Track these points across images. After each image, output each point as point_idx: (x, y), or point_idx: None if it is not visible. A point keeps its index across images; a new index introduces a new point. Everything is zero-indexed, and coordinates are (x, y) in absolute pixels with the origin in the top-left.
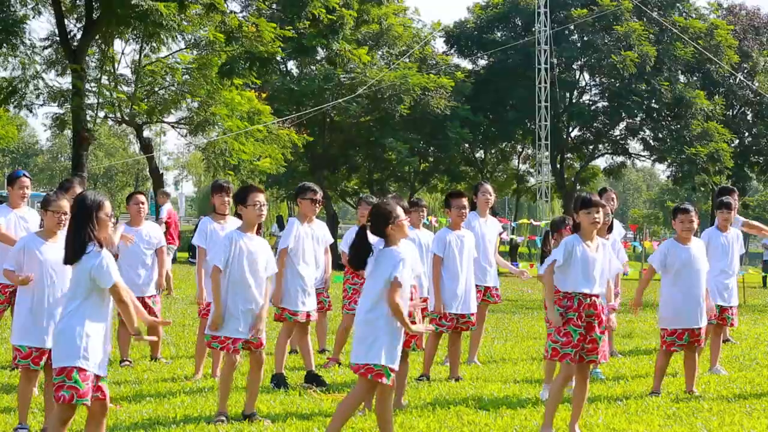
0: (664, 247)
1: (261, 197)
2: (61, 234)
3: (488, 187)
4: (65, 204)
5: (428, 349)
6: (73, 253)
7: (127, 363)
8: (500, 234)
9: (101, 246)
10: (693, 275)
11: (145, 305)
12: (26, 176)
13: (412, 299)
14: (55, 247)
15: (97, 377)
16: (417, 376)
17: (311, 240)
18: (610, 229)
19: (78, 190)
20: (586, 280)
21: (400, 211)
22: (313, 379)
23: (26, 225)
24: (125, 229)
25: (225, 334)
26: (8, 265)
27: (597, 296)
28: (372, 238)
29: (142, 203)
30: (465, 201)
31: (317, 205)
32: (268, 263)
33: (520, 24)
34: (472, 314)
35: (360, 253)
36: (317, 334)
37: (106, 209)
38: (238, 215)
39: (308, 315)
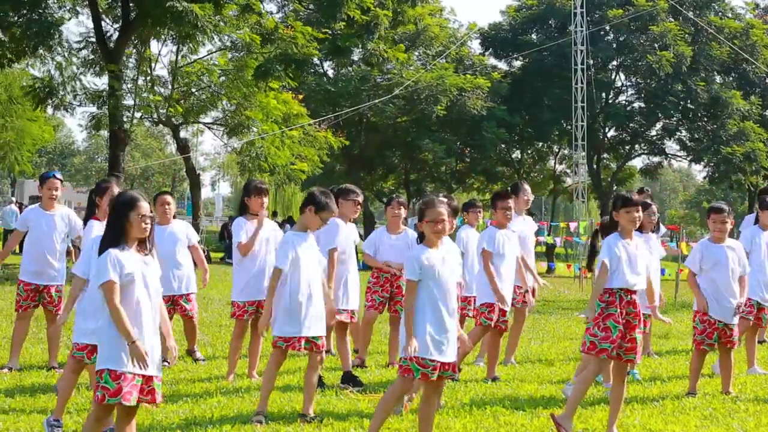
0: (698, 248)
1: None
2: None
3: (527, 187)
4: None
5: (488, 348)
6: (100, 252)
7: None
8: (535, 233)
9: (121, 244)
10: (724, 274)
11: (178, 304)
12: (56, 177)
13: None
14: None
15: (147, 378)
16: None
17: (352, 241)
18: (657, 227)
19: (116, 190)
20: (628, 277)
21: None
22: (350, 380)
23: (55, 226)
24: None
25: (292, 333)
26: (78, 270)
27: (635, 293)
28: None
29: (168, 204)
30: (511, 202)
31: (358, 207)
32: (320, 262)
33: (555, 25)
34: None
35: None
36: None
37: (139, 209)
38: (288, 218)
39: (351, 314)
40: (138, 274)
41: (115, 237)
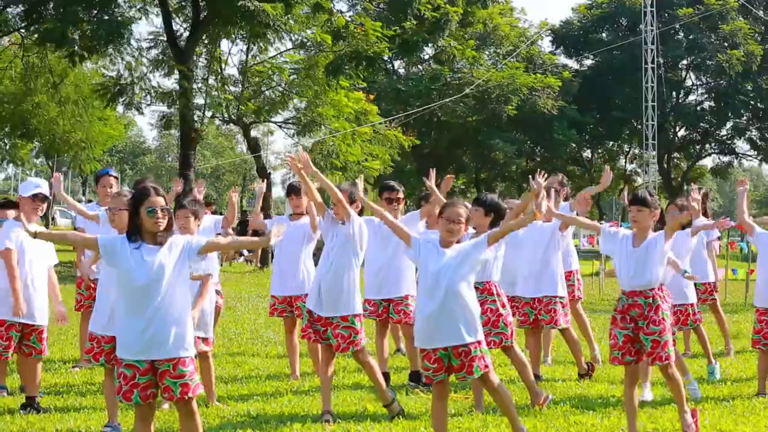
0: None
1: None
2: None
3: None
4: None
5: (530, 348)
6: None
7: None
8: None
9: (135, 237)
10: None
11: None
12: (111, 175)
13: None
14: None
15: (159, 377)
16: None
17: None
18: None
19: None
20: (622, 278)
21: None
22: (418, 379)
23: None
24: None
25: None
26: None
27: (640, 294)
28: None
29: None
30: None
31: (396, 203)
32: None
33: (625, 23)
34: (550, 310)
35: None
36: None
37: (149, 203)
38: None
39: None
40: (145, 267)
41: (130, 232)
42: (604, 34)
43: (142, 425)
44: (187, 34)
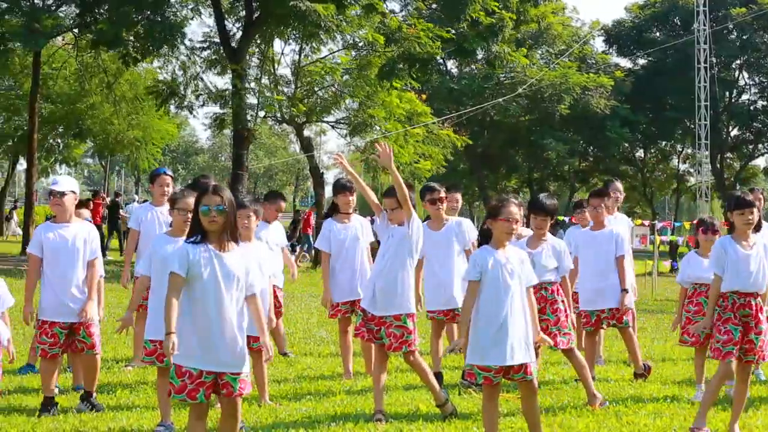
0: None
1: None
2: None
3: (618, 185)
4: (192, 202)
5: (586, 349)
6: None
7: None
8: (631, 228)
9: (195, 237)
10: None
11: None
12: (167, 174)
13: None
14: None
15: (219, 374)
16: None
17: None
18: (758, 228)
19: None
20: (740, 279)
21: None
22: None
23: (166, 222)
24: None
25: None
26: (143, 270)
27: (753, 296)
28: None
29: (282, 209)
30: (605, 201)
31: (440, 203)
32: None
33: (678, 23)
34: (612, 309)
35: None
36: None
37: (204, 201)
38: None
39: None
40: (207, 270)
41: (192, 230)
42: (657, 34)
43: (198, 423)
44: (239, 34)
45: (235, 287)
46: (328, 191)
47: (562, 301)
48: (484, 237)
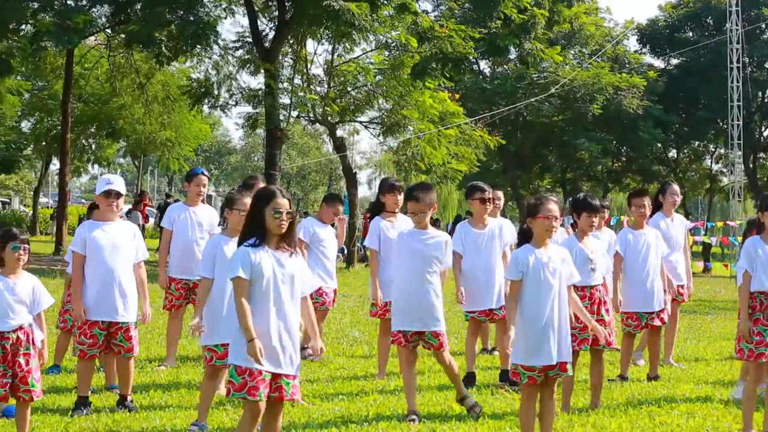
0: None
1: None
2: None
3: (676, 188)
4: (249, 202)
5: (622, 351)
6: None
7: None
8: (688, 229)
9: (256, 240)
10: None
11: (320, 293)
12: (204, 174)
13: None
14: None
15: (275, 375)
16: (613, 377)
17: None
18: None
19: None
20: (764, 280)
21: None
22: (507, 378)
23: (199, 222)
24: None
25: (398, 328)
26: (205, 272)
27: None
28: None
29: (340, 214)
30: (645, 200)
31: (489, 203)
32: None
33: (711, 23)
34: (660, 311)
35: None
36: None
37: (274, 204)
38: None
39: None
40: (267, 272)
41: (250, 233)
42: (690, 34)
43: (253, 423)
44: (272, 33)
45: (294, 289)
46: (361, 191)
47: (606, 302)
48: (525, 236)
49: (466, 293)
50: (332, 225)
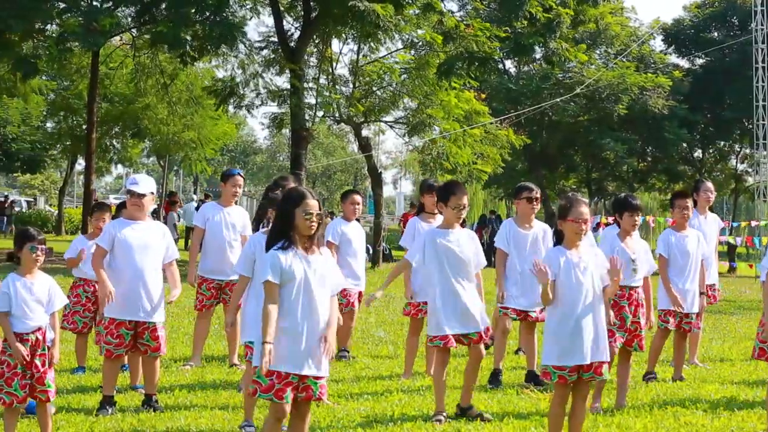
0: None
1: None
2: None
3: (709, 185)
4: None
5: (654, 348)
6: (267, 249)
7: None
8: (720, 229)
9: (285, 241)
10: None
11: (345, 294)
12: (240, 175)
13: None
14: None
15: (301, 377)
16: (643, 375)
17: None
18: None
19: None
20: None
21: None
22: (532, 379)
23: (233, 223)
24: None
25: (441, 333)
26: (242, 270)
27: None
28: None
29: (358, 203)
30: (689, 201)
31: (536, 202)
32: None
33: (736, 22)
34: (696, 315)
35: None
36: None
37: (305, 206)
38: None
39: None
40: (298, 274)
41: (279, 234)
42: (715, 34)
43: (277, 424)
44: (297, 33)
45: (324, 290)
46: (387, 191)
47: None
48: (558, 237)
49: (507, 291)
50: (357, 220)
